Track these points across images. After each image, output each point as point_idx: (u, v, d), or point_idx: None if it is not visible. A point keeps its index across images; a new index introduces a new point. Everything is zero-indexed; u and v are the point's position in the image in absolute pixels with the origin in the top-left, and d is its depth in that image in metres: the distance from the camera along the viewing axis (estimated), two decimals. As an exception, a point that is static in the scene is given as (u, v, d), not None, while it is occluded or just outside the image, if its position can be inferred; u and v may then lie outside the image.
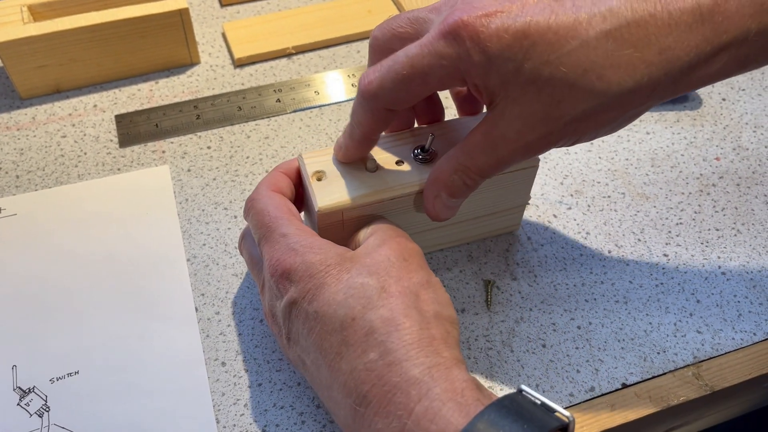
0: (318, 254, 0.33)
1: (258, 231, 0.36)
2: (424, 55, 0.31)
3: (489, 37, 0.30)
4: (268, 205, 0.36)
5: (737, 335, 0.42)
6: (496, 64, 0.30)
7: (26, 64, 0.50)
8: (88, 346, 0.40)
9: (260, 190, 0.37)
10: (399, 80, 0.32)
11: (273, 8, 0.61)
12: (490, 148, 0.33)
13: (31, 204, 0.47)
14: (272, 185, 0.38)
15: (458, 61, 0.31)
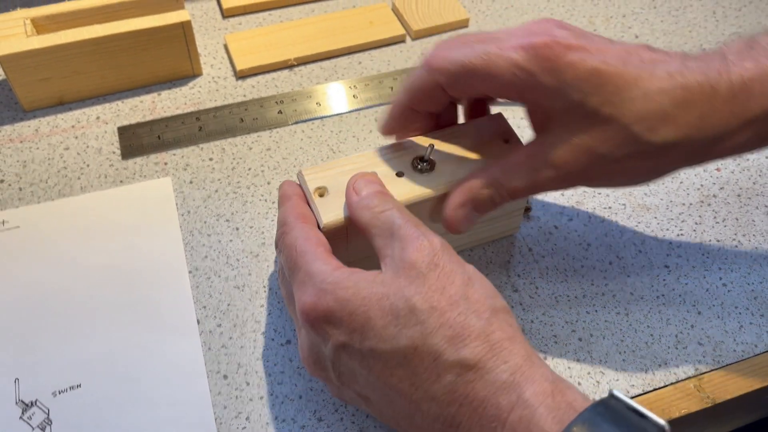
0: (350, 288, 0.31)
1: (287, 269, 0.35)
2: (501, 57, 0.33)
3: (567, 65, 0.33)
4: (297, 238, 0.34)
5: (738, 347, 0.42)
6: (565, 91, 0.33)
7: (29, 76, 0.51)
8: (91, 359, 0.40)
9: (289, 222, 0.36)
10: (467, 67, 0.34)
11: (275, 20, 0.62)
12: (531, 170, 0.35)
13: (33, 216, 0.47)
14: (301, 215, 0.36)
15: (530, 77, 0.33)
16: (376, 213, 0.34)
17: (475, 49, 0.34)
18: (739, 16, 0.64)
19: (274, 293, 0.44)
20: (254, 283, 0.44)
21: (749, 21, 0.63)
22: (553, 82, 0.33)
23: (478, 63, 0.34)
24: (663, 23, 0.63)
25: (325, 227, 0.36)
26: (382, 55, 0.59)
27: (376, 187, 0.36)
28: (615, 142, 0.33)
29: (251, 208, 0.48)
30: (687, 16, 0.64)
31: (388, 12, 0.62)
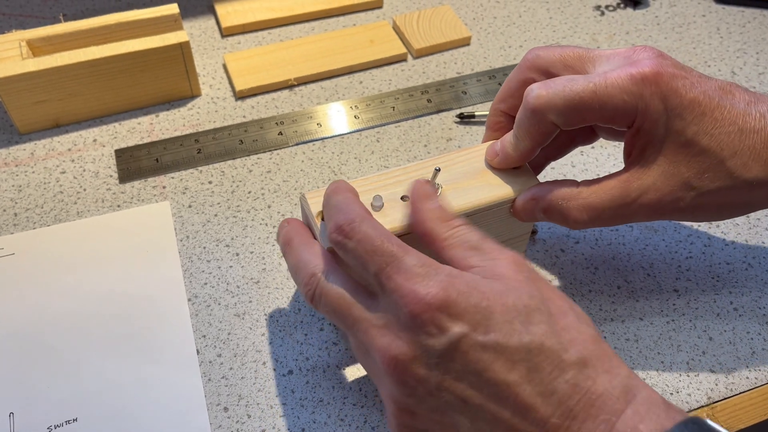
0: (469, 282, 0.30)
1: (372, 260, 0.31)
2: (608, 86, 0.34)
3: (671, 92, 0.34)
4: (377, 229, 0.32)
5: (751, 374, 0.41)
6: (668, 117, 0.34)
7: (25, 99, 0.50)
8: (87, 392, 0.39)
9: (353, 209, 0.33)
10: (577, 100, 0.35)
11: (274, 38, 0.61)
12: (621, 193, 0.36)
13: (29, 243, 0.46)
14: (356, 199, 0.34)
15: (639, 100, 0.34)
16: (453, 226, 0.34)
17: (577, 81, 0.35)
18: (744, 33, 0.63)
19: (275, 321, 0.43)
20: (255, 311, 0.43)
21: (753, 37, 0.63)
22: (659, 107, 0.34)
23: (587, 95, 0.35)
24: (667, 40, 0.62)
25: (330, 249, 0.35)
26: (383, 74, 0.58)
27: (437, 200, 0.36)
28: (708, 174, 0.35)
29: (251, 233, 0.47)
30: (691, 32, 0.63)
31: (389, 30, 0.61)
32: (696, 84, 0.35)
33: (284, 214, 0.48)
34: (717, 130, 0.34)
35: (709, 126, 0.34)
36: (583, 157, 0.52)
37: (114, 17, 0.52)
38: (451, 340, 0.29)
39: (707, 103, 0.34)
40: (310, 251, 0.34)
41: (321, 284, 0.33)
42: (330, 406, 0.39)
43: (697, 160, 0.35)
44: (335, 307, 0.32)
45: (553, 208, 0.37)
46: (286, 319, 0.43)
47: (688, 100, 0.34)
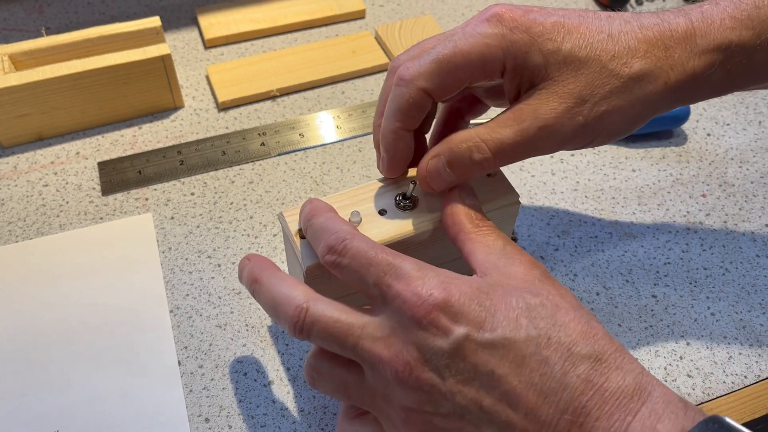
0: (471, 283, 0.31)
1: (369, 272, 0.31)
2: (467, 36, 0.34)
3: (530, 22, 0.34)
4: (368, 243, 0.32)
5: (728, 378, 0.41)
6: (539, 42, 0.34)
7: (8, 113, 0.50)
8: (69, 404, 0.39)
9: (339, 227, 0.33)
10: (443, 61, 0.34)
11: (257, 50, 0.61)
12: (517, 122, 0.35)
13: (11, 256, 0.46)
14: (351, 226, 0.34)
15: (503, 40, 0.34)
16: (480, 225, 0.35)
17: (437, 45, 0.35)
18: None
19: (256, 331, 0.43)
20: (236, 322, 0.43)
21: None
22: (525, 38, 0.34)
23: (448, 52, 0.34)
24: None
25: (308, 270, 0.36)
26: (366, 84, 0.59)
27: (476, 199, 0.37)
28: (597, 81, 0.34)
29: (233, 244, 0.47)
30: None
31: (371, 41, 0.61)
32: (552, 13, 0.35)
33: (266, 225, 0.48)
34: (588, 40, 0.34)
35: (580, 39, 0.34)
36: (563, 165, 0.53)
37: (96, 30, 0.53)
38: (456, 340, 0.29)
39: (569, 23, 0.35)
40: (284, 284, 0.33)
41: (311, 313, 0.32)
42: (311, 415, 0.39)
43: (582, 72, 0.34)
44: (332, 333, 0.31)
45: (456, 155, 0.35)
46: (268, 330, 0.43)
47: (550, 24, 0.34)
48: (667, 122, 0.54)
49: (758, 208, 0.50)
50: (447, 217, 0.36)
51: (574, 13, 0.36)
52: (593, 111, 0.34)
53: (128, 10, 0.64)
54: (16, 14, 0.63)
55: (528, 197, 0.51)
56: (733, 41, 0.35)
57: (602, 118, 0.35)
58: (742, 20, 0.35)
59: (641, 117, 0.36)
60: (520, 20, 0.34)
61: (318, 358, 0.33)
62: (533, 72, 0.34)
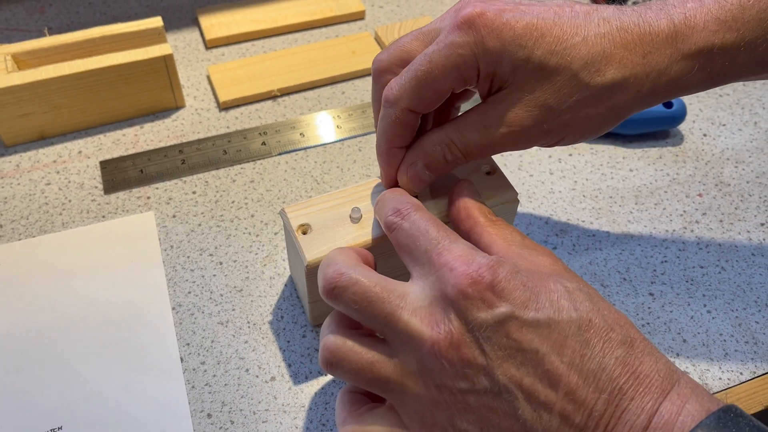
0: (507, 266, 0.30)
1: (425, 238, 0.32)
2: (440, 48, 0.34)
3: (502, 26, 0.33)
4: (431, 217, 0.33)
5: (724, 375, 0.42)
6: (509, 50, 0.33)
7: (10, 112, 0.50)
8: (73, 400, 0.40)
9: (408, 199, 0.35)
10: (420, 78, 0.34)
11: (258, 50, 0.62)
12: (484, 127, 0.35)
13: (14, 254, 0.46)
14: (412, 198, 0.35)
15: (474, 47, 0.33)
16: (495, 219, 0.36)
17: (415, 60, 0.35)
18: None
19: (258, 328, 0.43)
20: (238, 319, 0.44)
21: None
22: (496, 45, 0.33)
23: (424, 68, 0.34)
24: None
25: (309, 264, 0.36)
26: (366, 84, 0.59)
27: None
28: (565, 91, 0.34)
29: (235, 242, 0.48)
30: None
31: (370, 41, 0.62)
32: (527, 11, 0.34)
33: (267, 223, 0.49)
34: (561, 46, 0.33)
35: (553, 44, 0.33)
36: (561, 164, 0.53)
37: (98, 30, 0.53)
38: (501, 315, 0.29)
39: (543, 24, 0.33)
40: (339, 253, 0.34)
41: (348, 275, 0.31)
42: (312, 411, 0.40)
43: (550, 81, 0.34)
44: (369, 296, 0.31)
45: (431, 158, 0.36)
46: (269, 326, 0.43)
47: (522, 27, 0.33)
48: (664, 123, 0.54)
49: (753, 208, 0.51)
50: (460, 212, 0.36)
51: (550, 11, 0.34)
52: (559, 119, 0.35)
53: (129, 10, 0.65)
54: (17, 14, 0.64)
55: (526, 196, 0.51)
56: (715, 44, 0.34)
57: (568, 125, 0.35)
58: (726, 22, 0.34)
59: (609, 122, 0.36)
60: (492, 25, 0.33)
61: (340, 336, 0.32)
62: (502, 78, 0.35)
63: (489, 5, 0.34)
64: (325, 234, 0.37)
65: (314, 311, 0.42)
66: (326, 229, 0.37)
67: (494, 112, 0.35)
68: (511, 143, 0.35)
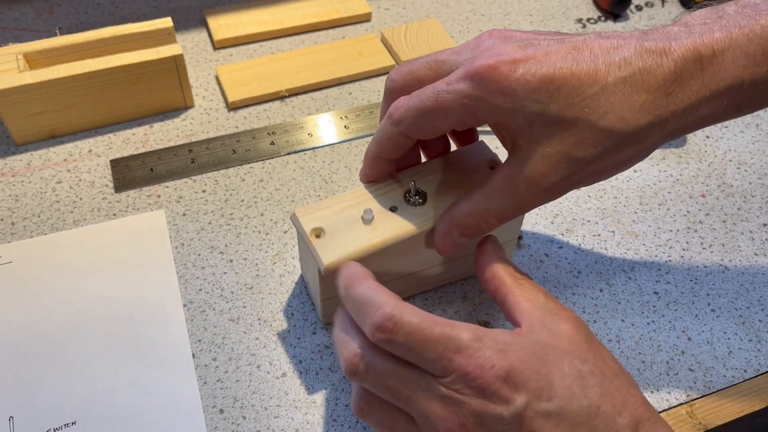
0: (525, 348, 0.31)
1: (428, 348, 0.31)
2: (449, 92, 0.34)
3: (516, 81, 0.32)
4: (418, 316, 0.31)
5: (729, 372, 0.43)
6: (522, 105, 0.33)
7: (22, 111, 0.51)
8: (85, 396, 0.40)
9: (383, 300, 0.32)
10: (423, 111, 0.35)
11: (265, 51, 0.62)
12: (511, 191, 0.35)
13: (26, 251, 0.47)
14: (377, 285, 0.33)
15: (480, 102, 0.33)
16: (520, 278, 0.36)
17: (426, 91, 0.35)
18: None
19: (269, 325, 0.44)
20: (249, 316, 0.44)
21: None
22: (507, 102, 0.33)
23: (430, 104, 0.34)
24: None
25: (327, 268, 0.36)
26: (372, 85, 0.60)
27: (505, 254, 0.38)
28: (590, 141, 0.33)
29: (245, 240, 0.48)
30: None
31: (377, 43, 0.63)
32: (543, 60, 0.33)
33: (276, 222, 0.49)
34: (578, 98, 0.32)
35: (569, 97, 0.32)
36: (566, 165, 0.54)
37: (109, 31, 0.54)
38: (518, 409, 0.30)
39: (560, 75, 0.32)
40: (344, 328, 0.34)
41: (366, 362, 0.32)
42: (323, 407, 0.40)
43: (569, 134, 0.33)
44: (387, 384, 0.32)
45: (466, 229, 0.37)
46: (280, 323, 0.44)
47: (537, 81, 0.32)
48: (667, 124, 0.55)
49: (756, 208, 0.51)
50: (485, 272, 0.37)
51: (567, 56, 0.33)
52: (585, 170, 0.34)
53: (137, 11, 0.65)
54: (26, 14, 0.64)
55: (532, 196, 0.52)
56: (745, 80, 0.33)
57: (594, 172, 0.34)
58: (755, 56, 0.32)
59: (635, 161, 0.35)
60: (503, 83, 0.32)
61: (369, 394, 0.33)
62: (516, 132, 0.34)
63: (504, 55, 0.33)
64: (339, 237, 0.38)
65: (326, 309, 0.42)
66: (339, 233, 0.38)
67: (520, 174, 0.34)
68: (543, 200, 0.35)
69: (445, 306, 0.45)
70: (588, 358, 0.32)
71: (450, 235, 0.37)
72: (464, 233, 0.37)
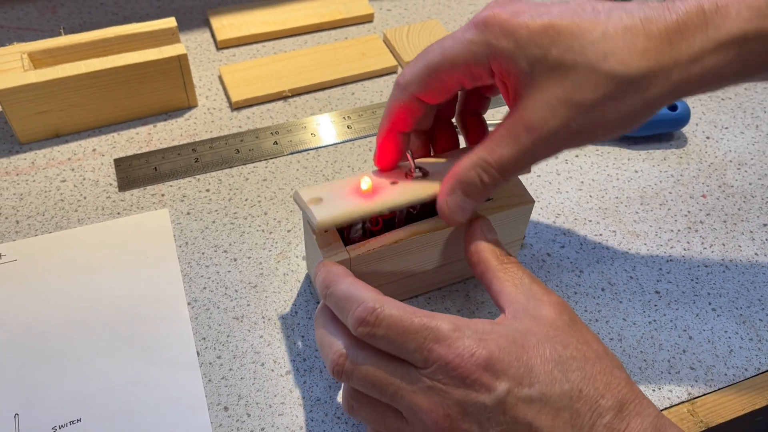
0: (505, 336, 0.32)
1: (408, 339, 0.32)
2: (454, 43, 0.35)
3: (518, 26, 0.33)
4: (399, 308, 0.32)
5: (729, 371, 0.43)
6: (524, 49, 0.33)
7: (26, 110, 0.51)
8: (90, 393, 0.40)
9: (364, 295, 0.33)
10: (431, 67, 0.35)
11: (268, 51, 0.63)
12: (512, 138, 0.35)
13: (31, 249, 0.47)
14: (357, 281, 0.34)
15: (487, 47, 0.34)
16: (505, 262, 0.36)
17: (430, 49, 0.36)
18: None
19: (273, 323, 0.44)
20: (253, 314, 0.44)
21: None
22: (509, 45, 0.33)
23: (437, 58, 0.35)
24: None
25: (319, 224, 0.36)
26: (375, 85, 0.60)
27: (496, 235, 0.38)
28: (590, 85, 0.33)
29: (249, 239, 0.48)
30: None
31: (379, 44, 0.63)
32: (545, 12, 0.33)
33: (280, 221, 0.50)
34: (579, 42, 0.32)
35: (570, 41, 0.32)
36: (567, 165, 0.54)
37: (113, 30, 0.54)
38: (499, 396, 0.31)
39: (560, 23, 0.33)
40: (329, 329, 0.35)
41: (351, 361, 0.33)
42: (327, 405, 0.41)
43: (571, 78, 0.33)
44: (372, 381, 0.33)
45: (468, 184, 0.36)
46: (284, 321, 0.44)
47: (537, 26, 0.33)
48: (668, 125, 0.55)
49: (756, 209, 0.52)
50: (472, 255, 0.37)
51: (569, 9, 0.34)
52: (586, 116, 0.33)
53: (140, 11, 0.65)
54: (29, 14, 0.64)
55: (534, 196, 0.52)
56: (749, 32, 0.32)
57: (597, 122, 0.34)
58: (759, 8, 0.32)
59: (640, 116, 0.34)
60: (506, 25, 0.33)
61: (358, 391, 0.34)
62: (519, 78, 0.34)
63: (507, 8, 0.34)
64: (336, 203, 0.37)
65: (329, 306, 0.43)
66: (337, 200, 0.38)
67: (520, 121, 0.34)
68: (543, 149, 0.35)
69: (449, 305, 0.45)
70: (570, 342, 0.33)
71: (454, 194, 0.37)
72: (467, 191, 0.36)
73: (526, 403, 0.31)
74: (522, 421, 0.31)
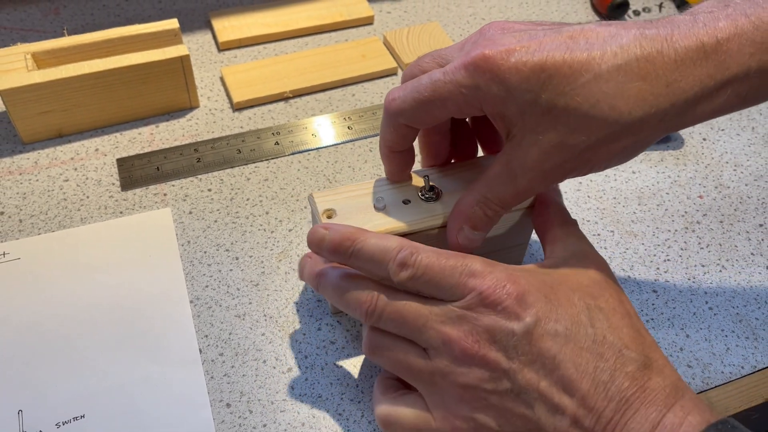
0: (533, 276, 0.34)
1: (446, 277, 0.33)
2: (445, 82, 0.35)
3: (508, 70, 0.32)
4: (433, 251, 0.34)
5: (726, 369, 0.43)
6: (515, 95, 0.33)
7: (30, 110, 0.52)
8: (94, 390, 0.41)
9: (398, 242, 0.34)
10: (420, 101, 0.36)
11: (269, 53, 0.63)
12: (509, 178, 0.36)
13: (34, 248, 0.47)
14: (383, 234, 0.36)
15: (476, 91, 0.34)
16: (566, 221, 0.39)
17: (422, 81, 0.35)
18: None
19: (274, 321, 0.44)
20: (255, 312, 0.45)
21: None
22: (500, 91, 0.33)
23: (427, 95, 0.35)
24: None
25: None
26: (375, 87, 0.61)
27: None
28: (582, 131, 0.32)
29: (250, 238, 0.49)
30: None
31: (379, 45, 0.63)
32: (537, 49, 0.32)
33: (281, 220, 0.50)
34: (569, 86, 0.31)
35: (560, 86, 0.32)
36: (566, 166, 0.55)
37: (116, 31, 0.54)
38: (528, 325, 0.32)
39: (552, 63, 0.32)
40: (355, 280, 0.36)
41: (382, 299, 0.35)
42: (328, 401, 0.41)
43: (561, 122, 0.32)
44: (403, 316, 0.34)
45: (475, 220, 0.37)
46: (285, 319, 0.45)
47: (528, 70, 0.32)
48: (665, 127, 0.56)
49: (752, 209, 0.52)
50: (539, 204, 0.39)
51: (562, 43, 0.32)
52: (579, 158, 0.34)
53: (143, 12, 0.66)
54: (32, 15, 0.65)
55: (533, 197, 0.53)
56: (752, 68, 0.32)
57: (590, 160, 0.34)
58: (762, 44, 0.31)
59: (635, 152, 0.35)
60: (497, 70, 0.32)
61: (381, 332, 0.36)
62: (511, 120, 0.34)
63: (498, 45, 0.33)
64: (349, 219, 0.39)
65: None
66: (350, 215, 0.39)
67: (515, 161, 0.35)
68: (541, 186, 0.36)
69: (448, 303, 0.46)
70: (602, 295, 0.34)
71: (463, 231, 0.38)
72: (474, 225, 0.37)
73: (552, 336, 0.32)
74: (546, 354, 0.32)
